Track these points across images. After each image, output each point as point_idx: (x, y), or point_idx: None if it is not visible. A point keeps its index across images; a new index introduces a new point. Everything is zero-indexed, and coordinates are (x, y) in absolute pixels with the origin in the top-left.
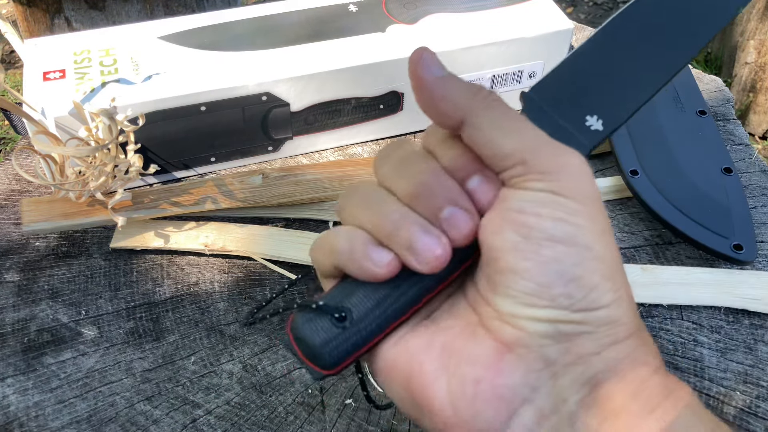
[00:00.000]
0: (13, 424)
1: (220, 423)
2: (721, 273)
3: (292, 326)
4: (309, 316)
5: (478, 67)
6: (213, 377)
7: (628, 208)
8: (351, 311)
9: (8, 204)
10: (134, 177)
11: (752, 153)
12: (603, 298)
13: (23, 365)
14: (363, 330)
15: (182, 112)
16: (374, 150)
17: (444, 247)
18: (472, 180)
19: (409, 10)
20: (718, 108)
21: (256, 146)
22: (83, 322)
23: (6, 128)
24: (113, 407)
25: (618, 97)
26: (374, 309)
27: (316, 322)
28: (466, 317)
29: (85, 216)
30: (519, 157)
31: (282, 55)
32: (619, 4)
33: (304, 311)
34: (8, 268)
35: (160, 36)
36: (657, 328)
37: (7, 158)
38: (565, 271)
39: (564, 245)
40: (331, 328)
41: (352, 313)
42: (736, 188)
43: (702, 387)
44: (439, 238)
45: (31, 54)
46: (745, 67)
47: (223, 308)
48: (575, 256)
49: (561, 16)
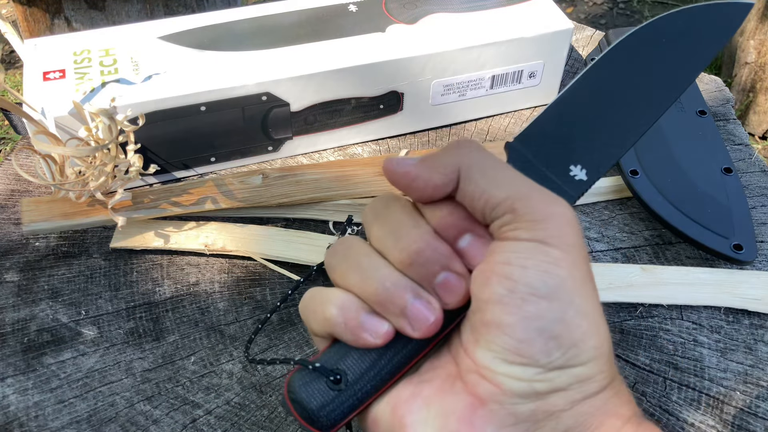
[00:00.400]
0: (13, 424)
1: (220, 423)
2: (721, 273)
3: (289, 389)
4: (305, 379)
5: (478, 67)
6: (213, 377)
7: (628, 208)
8: (346, 374)
9: (8, 204)
10: (134, 177)
11: (752, 153)
12: (582, 355)
13: (23, 365)
14: (358, 392)
15: (182, 112)
16: (374, 150)
17: (437, 313)
18: (463, 239)
19: (409, 10)
20: (718, 108)
21: (256, 146)
22: (83, 322)
23: (6, 128)
24: (113, 407)
25: (601, 145)
26: (368, 371)
27: (312, 385)
28: (446, 368)
29: (85, 216)
30: (509, 205)
31: (282, 55)
32: (619, 4)
33: (301, 373)
34: (8, 268)
35: (160, 36)
36: (657, 328)
37: (7, 158)
38: (546, 328)
39: (547, 301)
40: (327, 392)
41: (348, 375)
42: (736, 188)
43: (702, 387)
44: (433, 304)
45: (31, 54)
46: (745, 67)
47: (223, 308)
48: (557, 311)
49: (561, 16)
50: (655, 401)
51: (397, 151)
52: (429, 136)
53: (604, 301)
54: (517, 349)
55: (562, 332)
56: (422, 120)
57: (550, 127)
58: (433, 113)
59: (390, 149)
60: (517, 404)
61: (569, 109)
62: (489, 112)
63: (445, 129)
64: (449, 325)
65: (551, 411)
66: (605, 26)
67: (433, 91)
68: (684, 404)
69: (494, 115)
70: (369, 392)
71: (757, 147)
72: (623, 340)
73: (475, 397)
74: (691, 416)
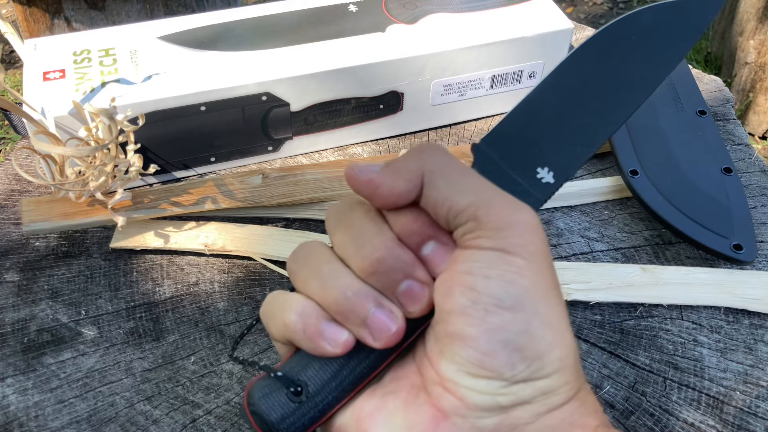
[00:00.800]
0: (13, 424)
1: (220, 423)
2: (721, 273)
3: (248, 400)
4: (266, 390)
5: (478, 67)
6: (213, 377)
7: (628, 208)
8: (307, 385)
9: (8, 204)
10: (134, 177)
11: (752, 153)
12: (546, 367)
13: (23, 365)
14: (320, 403)
15: (182, 112)
16: (374, 150)
17: (399, 323)
18: (426, 246)
19: (409, 10)
20: (718, 108)
21: (256, 146)
22: (83, 322)
23: (6, 128)
24: (113, 407)
25: (568, 146)
26: (330, 382)
27: (272, 397)
28: (411, 378)
29: (85, 216)
30: (472, 212)
31: (282, 55)
32: (619, 4)
33: (262, 383)
34: (8, 268)
35: (160, 36)
36: (657, 328)
37: (7, 158)
38: (510, 340)
39: (510, 312)
40: (287, 404)
41: (308, 386)
42: (736, 188)
43: (702, 387)
44: (395, 313)
45: (31, 54)
46: (745, 67)
47: (223, 308)
48: (521, 323)
49: (561, 16)
50: (655, 401)
51: (396, 151)
52: (429, 136)
53: (604, 301)
54: (481, 361)
55: (527, 344)
56: (422, 120)
57: (516, 128)
58: (433, 113)
59: (390, 149)
60: (481, 418)
61: (536, 109)
62: (489, 112)
63: (445, 129)
64: (412, 334)
65: (515, 424)
66: None
67: (433, 91)
68: (684, 404)
69: (494, 115)
70: (331, 404)
71: (757, 147)
72: (623, 340)
73: (438, 410)
74: (691, 416)
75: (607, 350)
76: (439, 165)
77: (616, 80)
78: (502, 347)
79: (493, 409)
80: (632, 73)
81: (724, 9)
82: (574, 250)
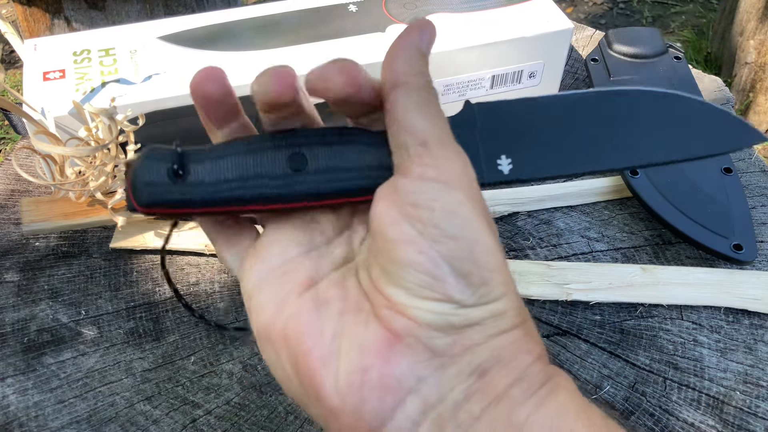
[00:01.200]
0: (13, 424)
1: (220, 423)
2: (721, 273)
3: (138, 155)
4: (156, 156)
5: (478, 67)
6: (213, 377)
7: (628, 208)
8: (191, 174)
9: (8, 204)
10: None
11: (752, 153)
12: (493, 291)
13: (23, 365)
14: (189, 193)
15: (182, 112)
16: None
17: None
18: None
19: (409, 10)
20: None
21: None
22: (83, 322)
23: (6, 128)
24: (113, 407)
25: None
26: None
27: (156, 163)
28: (357, 302)
29: (85, 216)
30: (422, 137)
31: (282, 55)
32: (619, 4)
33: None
34: (8, 268)
35: (160, 36)
36: (657, 328)
37: (7, 158)
38: (457, 266)
39: (454, 241)
40: (164, 176)
41: (191, 175)
42: (736, 188)
43: (702, 387)
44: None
45: (31, 54)
46: (745, 67)
47: (223, 308)
48: (466, 250)
49: (561, 16)
50: (655, 401)
51: None
52: None
53: (604, 301)
54: (431, 285)
55: (473, 269)
56: None
57: (511, 114)
58: None
59: None
60: (434, 338)
61: (538, 111)
62: None
63: None
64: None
65: (467, 345)
66: (605, 26)
67: None
68: (684, 404)
69: None
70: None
71: (757, 147)
72: (623, 340)
73: (390, 332)
74: (691, 416)
75: (607, 350)
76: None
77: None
78: (450, 272)
79: (445, 328)
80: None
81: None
82: (574, 250)
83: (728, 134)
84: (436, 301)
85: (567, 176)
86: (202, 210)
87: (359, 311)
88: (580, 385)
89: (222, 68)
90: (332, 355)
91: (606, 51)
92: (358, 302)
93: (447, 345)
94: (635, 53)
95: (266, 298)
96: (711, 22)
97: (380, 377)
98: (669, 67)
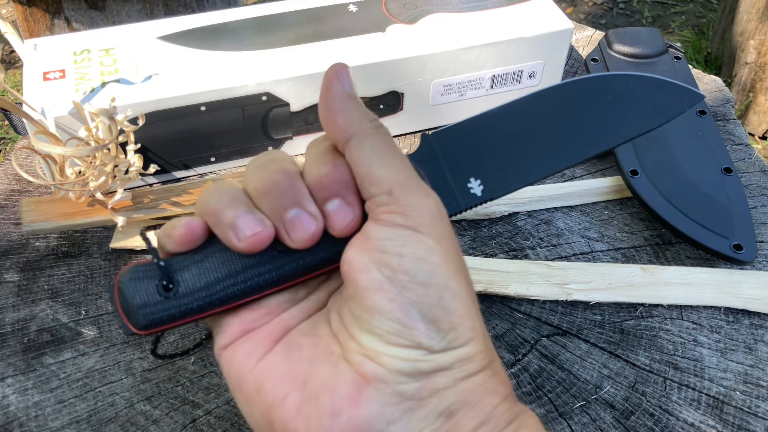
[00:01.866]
0: (13, 424)
1: (220, 423)
2: (721, 273)
3: (120, 278)
4: (140, 275)
5: (478, 67)
6: (213, 377)
7: (628, 208)
8: (180, 285)
9: (8, 204)
10: (134, 177)
11: (752, 153)
12: (461, 337)
13: (23, 365)
14: (185, 305)
15: (182, 112)
16: None
17: (267, 229)
18: (332, 202)
19: (409, 10)
20: (718, 108)
21: (256, 146)
22: (83, 322)
23: (6, 128)
24: (113, 407)
25: (506, 171)
26: (203, 289)
27: (143, 283)
28: (328, 346)
29: (85, 216)
30: (387, 186)
31: (282, 55)
32: (619, 4)
33: (141, 266)
34: (8, 268)
35: (160, 36)
36: (657, 328)
37: (7, 158)
38: (426, 313)
39: (424, 288)
40: (154, 294)
41: (180, 286)
42: (736, 188)
43: (702, 387)
44: (263, 221)
45: (31, 54)
46: (745, 67)
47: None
48: (435, 297)
49: (561, 16)
50: (655, 401)
51: None
52: None
53: (605, 301)
54: (400, 332)
55: (441, 316)
56: (422, 120)
57: (468, 135)
58: (433, 113)
59: None
60: (402, 383)
61: (492, 126)
62: None
63: None
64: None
65: (435, 389)
66: (605, 26)
67: (433, 91)
68: (684, 404)
69: None
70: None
71: (757, 147)
72: (623, 340)
73: (360, 375)
74: (691, 416)
75: (607, 350)
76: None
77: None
78: (419, 319)
79: (414, 374)
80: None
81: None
82: (574, 250)
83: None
84: (406, 348)
85: (537, 180)
86: (202, 315)
87: (330, 354)
88: (580, 385)
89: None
90: (305, 401)
91: (606, 51)
92: (328, 346)
93: (415, 390)
94: (635, 53)
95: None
96: (711, 22)
97: (350, 419)
98: (669, 67)
